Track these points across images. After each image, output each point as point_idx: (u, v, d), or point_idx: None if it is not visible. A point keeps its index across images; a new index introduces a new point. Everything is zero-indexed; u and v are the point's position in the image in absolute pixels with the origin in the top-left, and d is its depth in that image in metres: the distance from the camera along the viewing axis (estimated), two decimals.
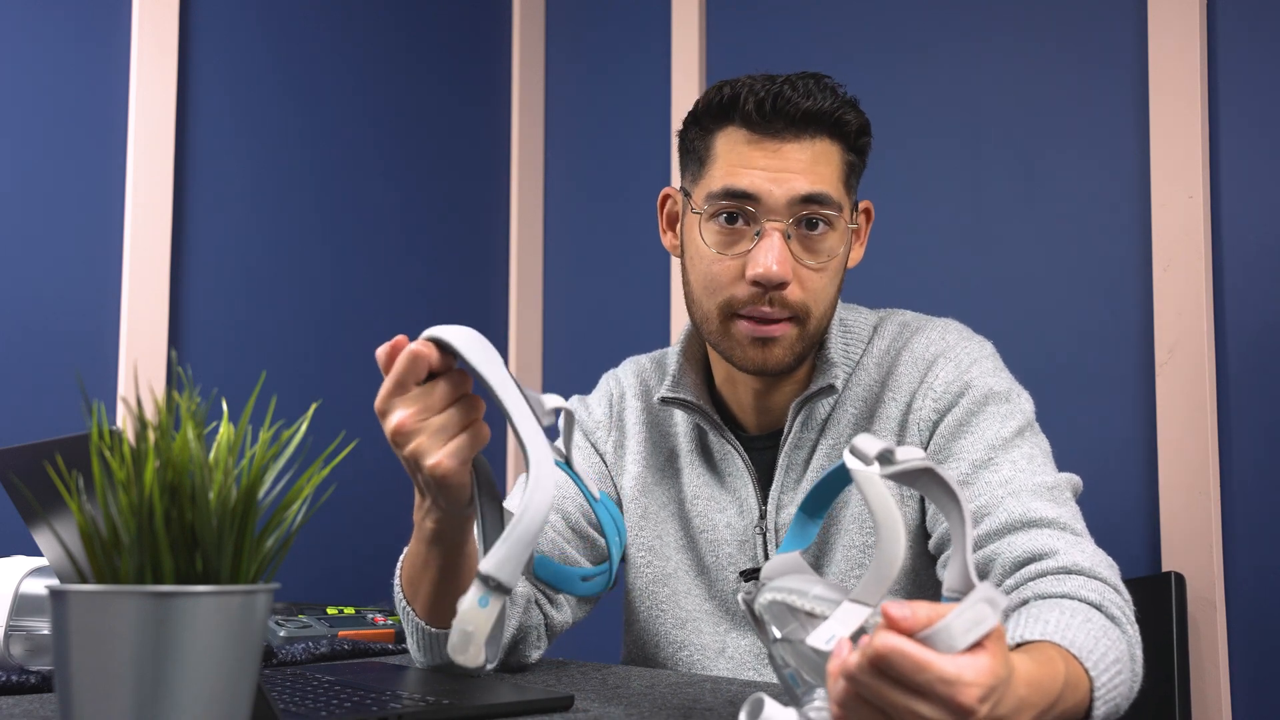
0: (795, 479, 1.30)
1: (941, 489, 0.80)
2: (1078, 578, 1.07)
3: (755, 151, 1.23)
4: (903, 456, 0.79)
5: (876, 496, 0.78)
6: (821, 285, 1.24)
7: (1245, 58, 1.72)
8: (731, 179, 1.23)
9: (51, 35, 1.94)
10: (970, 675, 0.71)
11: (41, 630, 1.16)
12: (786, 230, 1.22)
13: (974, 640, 0.72)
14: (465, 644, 0.83)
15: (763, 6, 2.24)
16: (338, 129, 2.29)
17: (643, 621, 1.37)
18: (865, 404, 1.29)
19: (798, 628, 0.82)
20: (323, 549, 2.13)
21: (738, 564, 1.32)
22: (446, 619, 1.14)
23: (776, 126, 1.23)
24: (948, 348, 1.28)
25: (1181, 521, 1.69)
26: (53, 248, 1.92)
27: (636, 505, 1.38)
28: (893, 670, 0.70)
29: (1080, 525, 1.16)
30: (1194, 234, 1.71)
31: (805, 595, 0.81)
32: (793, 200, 1.21)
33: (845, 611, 0.77)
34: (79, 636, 0.60)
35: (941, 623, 0.71)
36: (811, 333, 1.26)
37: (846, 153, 1.27)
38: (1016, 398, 1.26)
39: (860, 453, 0.80)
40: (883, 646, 0.70)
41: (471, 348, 0.92)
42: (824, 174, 1.23)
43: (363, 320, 2.29)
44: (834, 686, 0.74)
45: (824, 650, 0.76)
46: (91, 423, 0.64)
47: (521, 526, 0.85)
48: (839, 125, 1.25)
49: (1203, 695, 1.65)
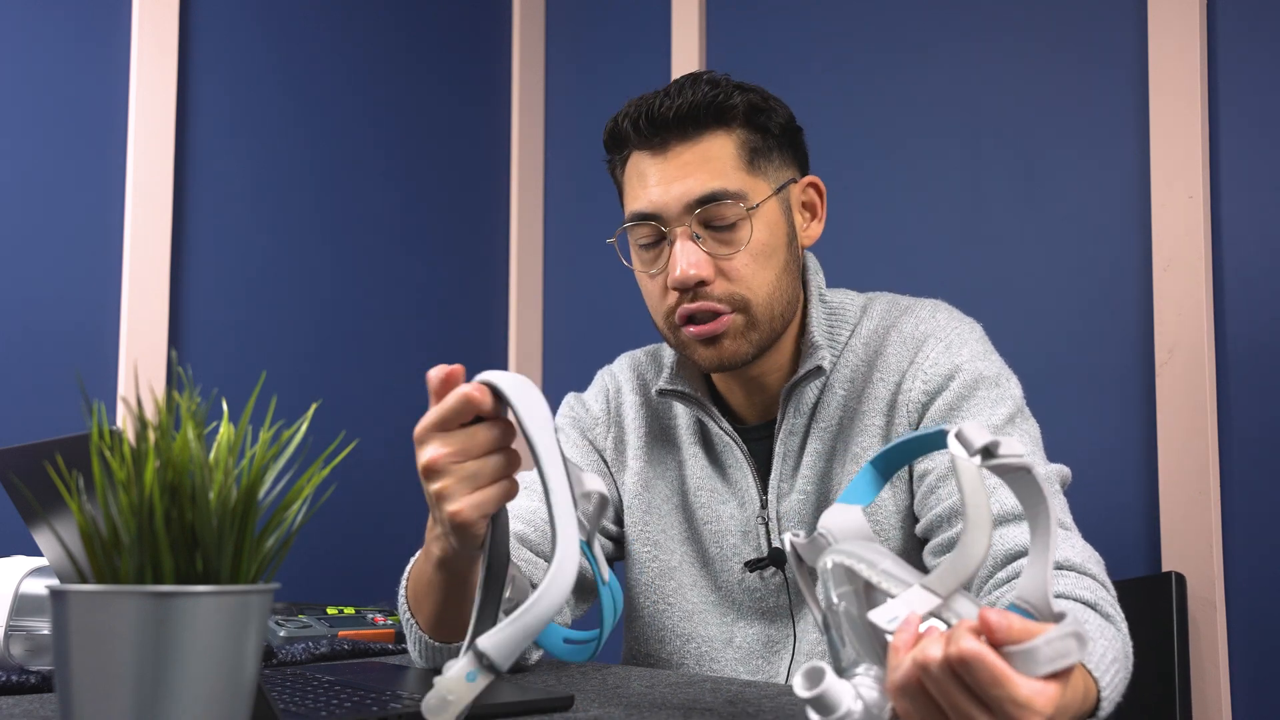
0: (792, 466, 1.30)
1: (1034, 490, 0.79)
2: (1070, 574, 1.07)
3: (651, 167, 1.26)
4: (1005, 452, 0.78)
5: (972, 490, 0.76)
6: (750, 271, 1.24)
7: (1245, 58, 1.72)
8: (633, 203, 1.27)
9: (51, 35, 1.94)
10: (1040, 703, 0.70)
11: (41, 630, 1.16)
12: (693, 233, 1.24)
13: (1053, 671, 0.71)
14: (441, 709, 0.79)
15: (763, 6, 2.24)
16: (338, 129, 2.29)
17: (647, 616, 1.37)
18: (853, 384, 1.29)
19: (852, 595, 0.80)
20: (323, 549, 2.13)
21: (741, 555, 1.32)
22: (450, 634, 1.14)
23: (661, 137, 1.25)
24: (937, 328, 1.28)
25: (1181, 521, 1.69)
26: (53, 248, 1.92)
27: (640, 500, 1.38)
28: (970, 675, 0.70)
29: (1069, 519, 1.16)
30: (1194, 234, 1.71)
31: (874, 567, 0.79)
32: (688, 204, 1.23)
33: (914, 596, 0.76)
34: (79, 636, 0.60)
35: (1031, 644, 0.70)
36: (761, 317, 1.25)
37: (744, 135, 1.26)
38: (1006, 382, 1.25)
39: (966, 441, 0.78)
40: (969, 651, 0.69)
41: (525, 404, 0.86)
42: (716, 168, 1.24)
43: (363, 320, 2.29)
44: (898, 667, 0.73)
45: (884, 629, 0.75)
46: (91, 423, 0.64)
47: (531, 614, 0.80)
48: (721, 113, 1.25)
49: (1203, 695, 1.65)
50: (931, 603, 0.76)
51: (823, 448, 1.28)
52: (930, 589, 0.76)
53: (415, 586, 1.16)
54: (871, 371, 1.28)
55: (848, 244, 1.99)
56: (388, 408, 2.30)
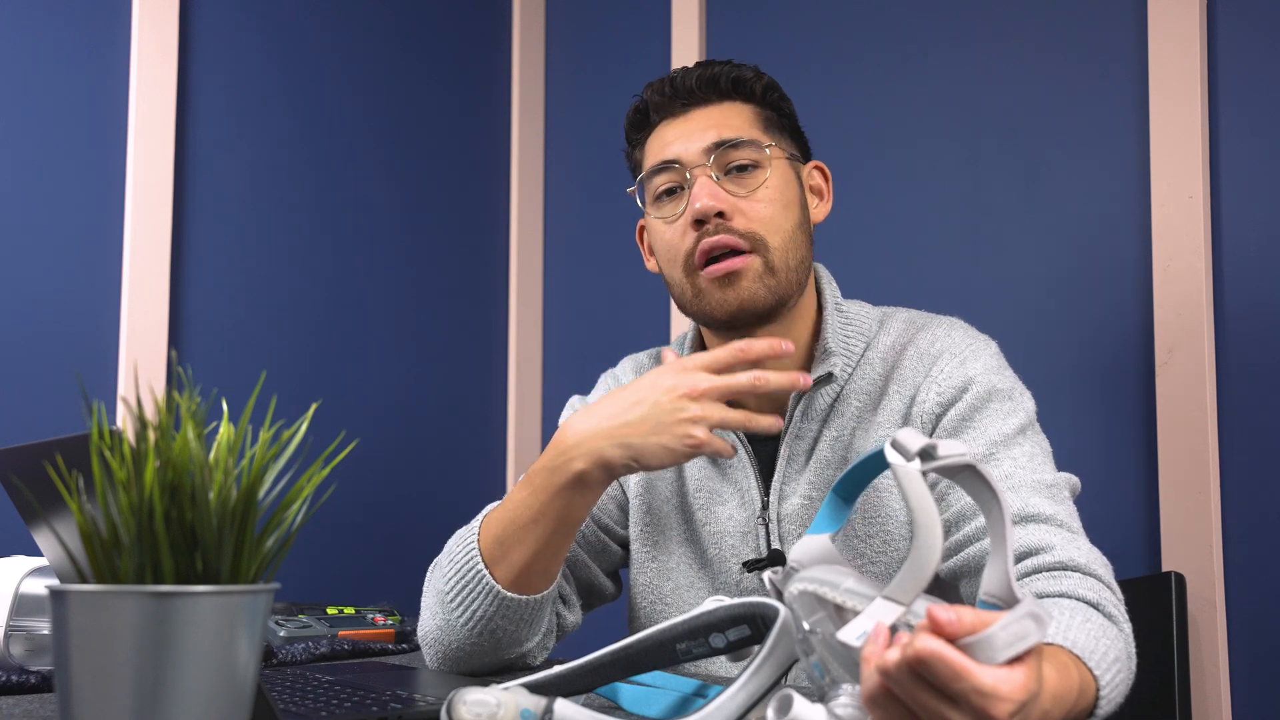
0: (797, 469, 1.30)
1: (983, 486, 0.79)
2: (1074, 575, 1.08)
3: (672, 128, 1.33)
4: (945, 452, 0.78)
5: (915, 494, 0.76)
6: (768, 213, 1.28)
7: (1245, 58, 1.72)
8: (653, 158, 1.33)
9: (51, 35, 1.94)
10: (1006, 690, 0.70)
11: (41, 630, 1.16)
12: (713, 173, 1.28)
13: (1015, 655, 0.71)
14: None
15: (763, 6, 2.24)
16: (338, 129, 2.29)
17: (645, 618, 1.37)
18: (870, 396, 1.30)
19: (825, 619, 0.80)
20: (323, 549, 2.13)
21: (740, 556, 1.32)
22: (530, 585, 1.19)
23: (683, 102, 1.33)
24: (952, 344, 1.30)
25: (1181, 521, 1.69)
26: (53, 248, 1.92)
27: (640, 502, 1.39)
28: (930, 674, 0.70)
29: (1076, 524, 1.16)
30: (1194, 234, 1.71)
31: (837, 588, 0.80)
32: (707, 147, 1.29)
33: (877, 608, 0.76)
34: (79, 636, 0.60)
35: (985, 632, 0.70)
36: (778, 264, 1.28)
37: (759, 109, 1.34)
38: (1019, 396, 1.27)
39: (902, 447, 0.78)
40: (924, 650, 0.69)
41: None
42: (735, 123, 1.31)
43: (363, 320, 2.29)
44: (867, 678, 0.73)
45: (854, 646, 0.75)
46: (91, 423, 0.64)
47: None
48: (739, 84, 1.33)
49: (1203, 695, 1.65)
50: (896, 612, 0.76)
51: (832, 455, 1.29)
52: (892, 599, 0.76)
53: (506, 529, 1.20)
54: (888, 385, 1.29)
55: (847, 244, 1.99)
56: (388, 408, 2.30)
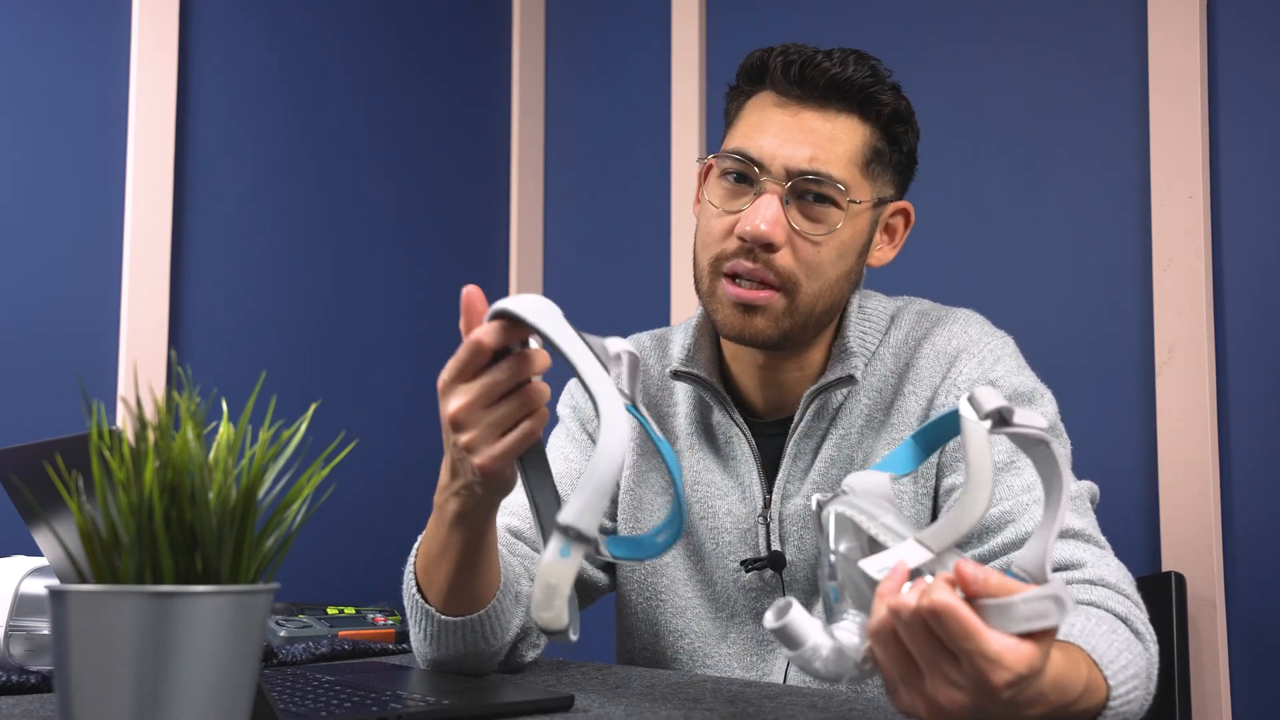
0: (803, 468, 1.26)
1: (1049, 465, 0.80)
2: (1104, 590, 1.06)
3: (776, 115, 1.22)
4: (1021, 420, 0.78)
5: (976, 450, 0.77)
6: (817, 259, 1.20)
7: (1245, 58, 1.72)
8: (743, 141, 1.22)
9: (51, 35, 1.94)
10: (1009, 660, 0.70)
11: (41, 630, 1.16)
12: (785, 195, 1.19)
13: (1029, 630, 0.71)
14: (549, 599, 0.82)
15: (763, 6, 2.24)
16: (338, 128, 2.29)
17: (640, 612, 1.34)
18: (881, 394, 1.26)
19: (856, 547, 0.81)
20: (323, 549, 2.13)
21: (738, 553, 1.28)
22: (459, 608, 1.13)
23: (801, 92, 1.21)
24: (971, 342, 1.26)
25: (1181, 521, 1.69)
26: (53, 248, 1.92)
27: (631, 496, 1.34)
28: (940, 627, 0.70)
29: (1101, 537, 1.15)
30: (1194, 234, 1.71)
31: (875, 520, 0.80)
32: (790, 169, 1.19)
33: (907, 548, 0.77)
34: (79, 636, 0.60)
35: (1007, 600, 0.70)
36: (802, 309, 1.21)
37: (874, 136, 1.23)
38: (1041, 398, 1.24)
39: (978, 404, 0.79)
40: (940, 603, 0.70)
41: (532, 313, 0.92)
42: (835, 151, 1.20)
43: (363, 320, 2.29)
44: (876, 611, 0.74)
45: (873, 577, 0.76)
46: (91, 423, 0.64)
47: (599, 474, 0.83)
48: (868, 102, 1.22)
49: (1203, 695, 1.65)
50: (924, 556, 0.77)
51: (839, 454, 1.25)
52: (924, 543, 0.78)
53: (426, 559, 1.14)
54: (902, 384, 1.25)
55: None
56: (388, 408, 2.30)
